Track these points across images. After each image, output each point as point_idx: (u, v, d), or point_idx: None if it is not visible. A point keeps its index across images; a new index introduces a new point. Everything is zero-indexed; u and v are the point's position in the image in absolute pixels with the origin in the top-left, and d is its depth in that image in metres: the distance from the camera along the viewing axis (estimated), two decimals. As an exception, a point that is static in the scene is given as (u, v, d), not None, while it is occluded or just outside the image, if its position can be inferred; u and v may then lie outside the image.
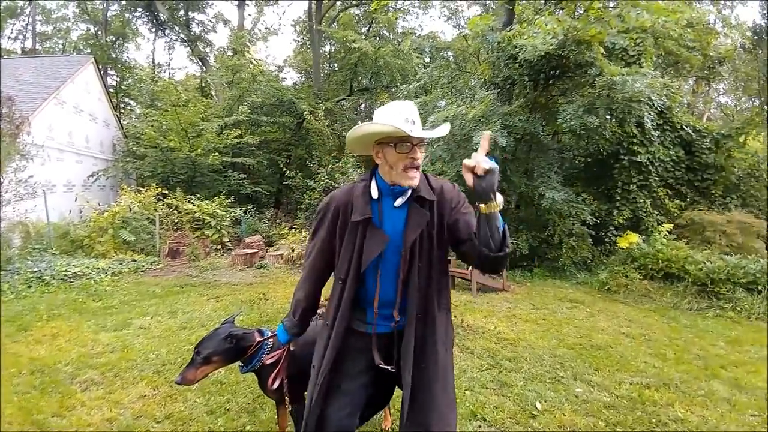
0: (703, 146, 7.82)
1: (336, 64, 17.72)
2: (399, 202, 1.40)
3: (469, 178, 1.16)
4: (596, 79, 6.42)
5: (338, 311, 1.43)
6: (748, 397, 2.96)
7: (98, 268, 6.15)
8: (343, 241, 1.43)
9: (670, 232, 6.71)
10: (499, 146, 6.51)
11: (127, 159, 11.24)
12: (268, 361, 1.67)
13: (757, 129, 8.69)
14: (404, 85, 10.09)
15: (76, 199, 9.48)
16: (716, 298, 5.39)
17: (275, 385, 1.62)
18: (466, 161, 1.16)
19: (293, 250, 7.54)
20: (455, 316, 4.12)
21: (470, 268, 5.80)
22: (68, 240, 7.51)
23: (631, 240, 6.48)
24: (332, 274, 1.56)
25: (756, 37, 9.02)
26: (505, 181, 7.31)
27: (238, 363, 1.78)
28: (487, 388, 2.90)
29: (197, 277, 6.24)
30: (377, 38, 15.99)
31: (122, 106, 19.00)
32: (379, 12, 14.80)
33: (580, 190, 7.55)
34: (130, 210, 7.98)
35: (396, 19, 15.87)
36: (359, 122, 16.69)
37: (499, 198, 1.19)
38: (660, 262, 5.96)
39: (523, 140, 7.43)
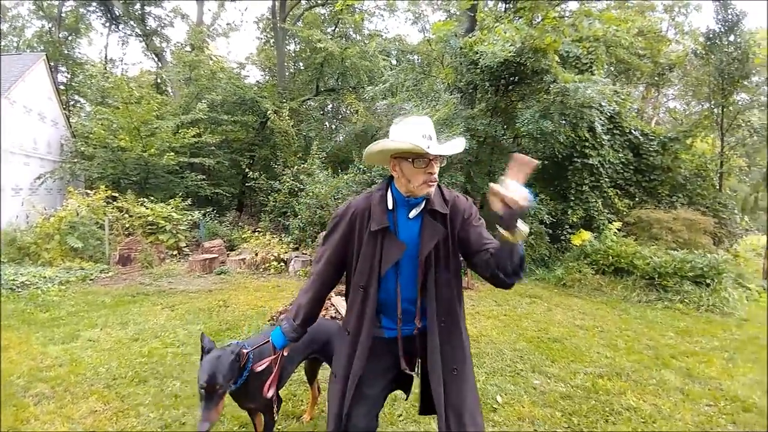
0: (651, 149, 8.39)
1: (302, 63, 17.44)
2: (413, 213, 1.45)
3: (497, 205, 1.14)
4: (551, 85, 6.73)
5: (363, 319, 1.46)
6: (702, 387, 3.11)
7: (45, 277, 5.76)
8: (361, 249, 1.46)
9: (619, 230, 7.14)
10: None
11: (75, 160, 10.51)
12: (259, 369, 1.58)
13: (705, 131, 9.39)
14: (370, 87, 10.12)
15: (23, 204, 8.76)
16: (664, 290, 5.76)
17: (270, 393, 1.57)
18: (495, 187, 1.12)
19: (257, 255, 7.34)
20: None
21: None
22: (15, 247, 6.93)
23: (583, 237, 6.84)
24: (335, 283, 1.60)
25: (709, 42, 9.51)
26: (469, 182, 7.51)
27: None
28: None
29: (150, 285, 5.93)
30: (344, 39, 15.90)
31: (72, 103, 17.79)
32: (345, 13, 14.73)
33: (538, 191, 7.88)
34: (78, 214, 7.45)
35: (362, 20, 15.85)
36: (326, 123, 16.50)
37: (525, 228, 1.18)
38: (610, 257, 6.34)
39: (485, 143, 7.66)
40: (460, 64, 7.57)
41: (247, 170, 11.03)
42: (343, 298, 4.03)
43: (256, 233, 8.75)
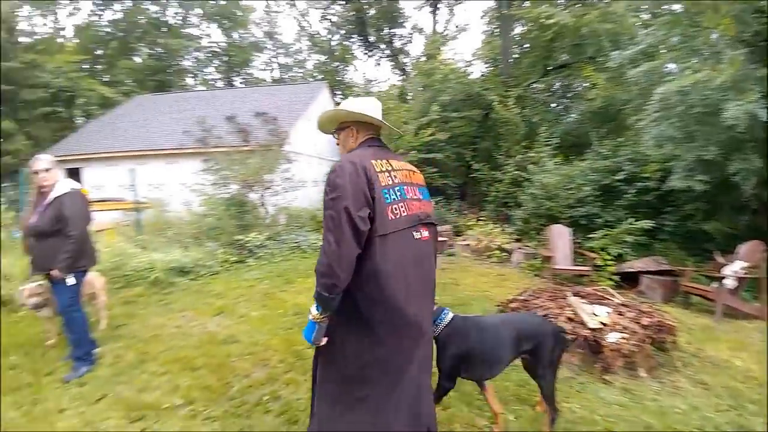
0: None
1: (528, 44, 16.58)
2: None
3: None
4: None
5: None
6: None
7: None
8: None
9: None
10: (758, 120, 4.89)
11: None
12: None
13: None
14: (616, 52, 8.41)
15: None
16: None
17: None
18: None
19: (480, 242, 7.72)
20: (689, 343, 3.57)
21: (713, 284, 4.89)
22: (316, 220, 9.48)
23: None
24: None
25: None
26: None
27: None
28: (720, 430, 2.44)
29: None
30: (579, 5, 14.06)
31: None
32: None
33: None
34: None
35: (599, -24, 13.46)
36: (552, 104, 15.03)
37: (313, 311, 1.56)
38: None
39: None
40: (742, 10, 5.47)
41: (470, 162, 11.59)
42: (581, 298, 3.78)
43: (479, 221, 9.14)
